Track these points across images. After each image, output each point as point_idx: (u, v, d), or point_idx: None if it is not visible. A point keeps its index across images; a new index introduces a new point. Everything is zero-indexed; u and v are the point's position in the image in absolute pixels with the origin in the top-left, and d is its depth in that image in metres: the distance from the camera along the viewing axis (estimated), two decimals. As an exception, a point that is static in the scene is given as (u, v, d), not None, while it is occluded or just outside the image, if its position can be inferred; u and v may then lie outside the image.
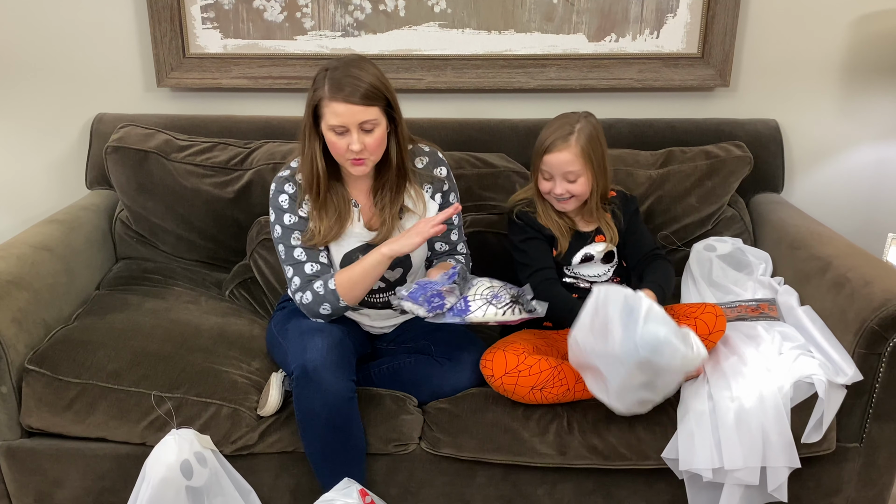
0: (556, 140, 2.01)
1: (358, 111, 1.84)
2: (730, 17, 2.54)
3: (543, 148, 2.03)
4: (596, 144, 2.03)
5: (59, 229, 2.33)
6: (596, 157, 2.03)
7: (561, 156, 2.01)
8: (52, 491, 2.02)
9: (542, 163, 2.04)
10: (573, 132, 2.01)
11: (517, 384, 1.88)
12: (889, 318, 1.85)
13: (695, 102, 2.68)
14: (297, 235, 1.97)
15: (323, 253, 1.99)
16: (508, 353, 1.91)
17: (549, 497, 1.98)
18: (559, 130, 2.02)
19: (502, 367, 1.89)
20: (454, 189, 2.12)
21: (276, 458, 1.97)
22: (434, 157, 2.08)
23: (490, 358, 1.92)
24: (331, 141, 1.88)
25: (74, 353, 1.98)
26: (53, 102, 2.67)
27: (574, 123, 2.02)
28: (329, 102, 1.84)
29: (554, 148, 2.01)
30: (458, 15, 2.55)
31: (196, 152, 2.43)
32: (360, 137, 1.86)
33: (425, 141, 2.11)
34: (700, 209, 2.43)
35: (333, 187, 1.98)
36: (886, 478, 2.02)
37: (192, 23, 2.57)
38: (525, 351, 1.93)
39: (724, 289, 2.23)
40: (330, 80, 1.85)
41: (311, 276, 1.96)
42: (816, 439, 1.89)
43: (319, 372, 1.80)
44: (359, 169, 1.91)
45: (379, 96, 1.87)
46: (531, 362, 1.89)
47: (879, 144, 2.71)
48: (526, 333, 2.08)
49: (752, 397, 1.85)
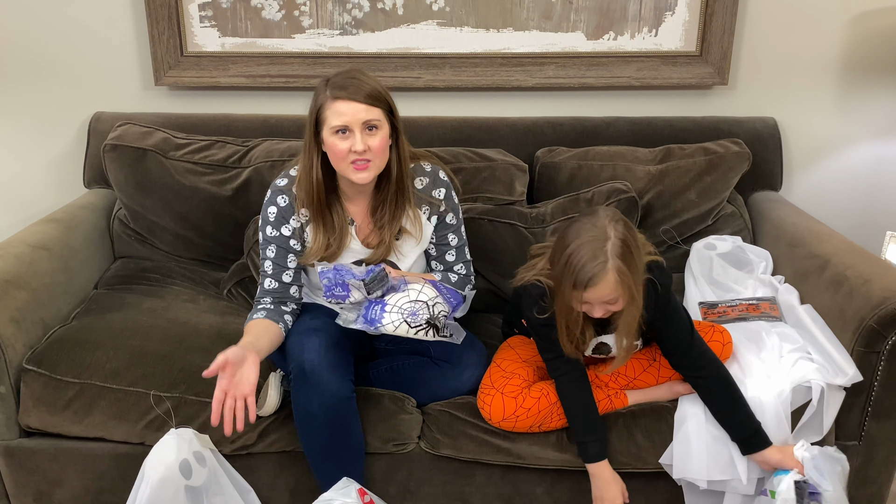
0: (593, 276, 1.66)
1: (361, 109, 1.82)
2: (728, 14, 2.53)
3: (581, 284, 1.68)
4: (631, 260, 1.69)
5: (57, 228, 2.32)
6: (634, 275, 1.70)
7: (599, 291, 1.68)
8: (50, 491, 2.02)
9: (580, 297, 1.72)
10: (607, 259, 1.66)
11: (515, 426, 1.89)
12: (888, 316, 1.85)
13: (693, 100, 2.68)
14: (272, 248, 1.96)
15: (288, 272, 1.97)
16: (506, 397, 1.87)
17: (548, 496, 1.99)
18: (592, 262, 1.66)
19: (500, 412, 1.87)
20: (454, 209, 2.05)
21: (275, 457, 1.97)
22: (434, 177, 2.02)
23: (488, 402, 1.89)
24: (333, 146, 1.84)
25: (73, 352, 1.98)
26: (51, 101, 2.67)
27: (604, 245, 1.67)
28: (331, 103, 1.82)
29: (591, 284, 1.67)
30: (456, 13, 2.55)
31: (194, 150, 2.42)
32: (364, 138, 1.82)
33: (428, 157, 2.06)
34: (700, 204, 2.43)
35: (332, 204, 1.95)
36: (885, 475, 2.02)
37: (190, 21, 2.56)
38: (525, 383, 1.90)
39: (725, 287, 2.23)
40: (332, 85, 1.84)
41: (266, 290, 1.97)
42: (815, 440, 1.89)
43: (317, 372, 1.79)
44: (362, 175, 1.85)
45: (381, 99, 1.85)
46: (529, 404, 1.87)
47: (878, 142, 2.71)
48: (526, 350, 2.01)
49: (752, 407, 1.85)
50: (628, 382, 1.94)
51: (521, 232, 2.30)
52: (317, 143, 1.88)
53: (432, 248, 2.07)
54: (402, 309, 1.80)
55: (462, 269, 2.08)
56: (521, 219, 2.32)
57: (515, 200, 2.38)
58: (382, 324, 1.80)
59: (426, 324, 1.81)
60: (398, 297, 1.82)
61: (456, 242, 2.06)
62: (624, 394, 1.94)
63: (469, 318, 2.30)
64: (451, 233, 2.05)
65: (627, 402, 1.93)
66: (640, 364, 1.95)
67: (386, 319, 1.80)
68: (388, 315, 1.80)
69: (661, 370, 1.93)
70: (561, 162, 2.44)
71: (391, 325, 1.80)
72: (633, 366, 1.95)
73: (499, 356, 2.02)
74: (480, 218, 2.31)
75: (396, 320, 1.80)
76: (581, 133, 2.54)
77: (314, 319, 1.96)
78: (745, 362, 1.95)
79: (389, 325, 1.80)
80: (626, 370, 1.94)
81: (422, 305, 1.81)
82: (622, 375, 1.94)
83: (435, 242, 2.05)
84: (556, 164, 2.44)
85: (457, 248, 2.07)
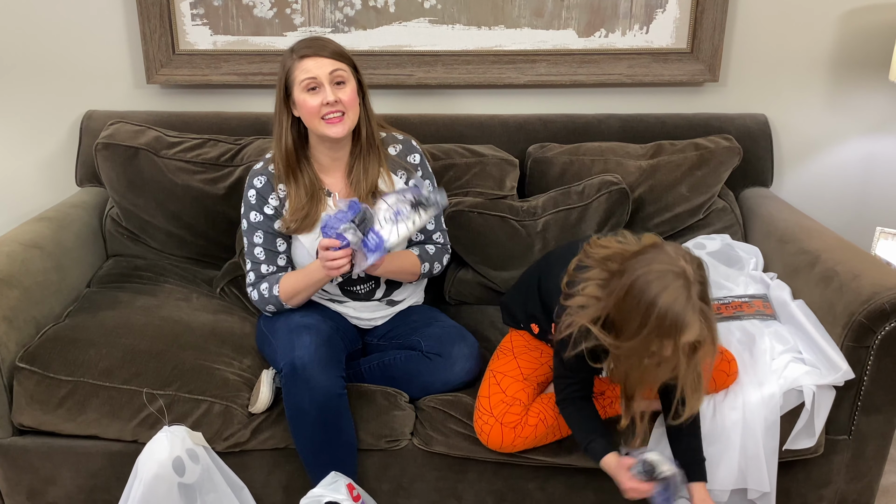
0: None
1: (327, 63, 1.90)
2: (718, 12, 2.54)
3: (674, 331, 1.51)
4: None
5: (49, 227, 2.32)
6: None
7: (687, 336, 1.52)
8: (44, 489, 2.02)
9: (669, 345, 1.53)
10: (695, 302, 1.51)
11: (514, 449, 1.89)
12: (877, 311, 1.87)
13: (684, 97, 2.69)
14: (259, 234, 2.00)
15: (282, 256, 2.02)
16: (505, 427, 1.85)
17: (540, 492, 1.99)
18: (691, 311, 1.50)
19: (498, 442, 1.87)
20: (429, 177, 2.12)
21: (268, 454, 1.97)
22: (407, 145, 2.10)
23: (486, 430, 1.87)
24: (304, 103, 1.91)
25: (65, 350, 1.98)
26: (43, 99, 2.66)
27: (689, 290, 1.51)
28: (298, 63, 1.91)
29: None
30: (448, 11, 2.55)
31: (186, 149, 2.42)
32: (333, 90, 1.90)
33: (398, 130, 2.14)
34: (691, 198, 2.44)
35: (304, 169, 2.00)
36: (875, 470, 2.03)
37: (182, 19, 2.56)
38: (523, 408, 1.87)
39: (717, 284, 2.23)
40: (297, 48, 1.94)
41: (264, 275, 2.01)
42: (809, 445, 1.90)
43: (308, 369, 1.80)
44: (336, 129, 1.92)
45: (346, 56, 1.95)
46: (527, 433, 1.86)
47: (867, 139, 2.72)
48: (528, 360, 1.96)
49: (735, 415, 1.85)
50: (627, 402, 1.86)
51: (511, 224, 2.31)
52: (286, 106, 1.95)
53: None
54: (388, 219, 1.83)
55: (440, 237, 2.14)
56: (512, 212, 2.33)
57: (506, 195, 2.39)
58: (386, 240, 1.82)
59: (413, 207, 1.84)
60: (380, 215, 1.84)
61: None
62: (619, 406, 1.85)
63: (460, 310, 2.32)
64: None
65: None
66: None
67: (384, 234, 1.82)
68: (383, 230, 1.82)
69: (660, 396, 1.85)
70: (552, 157, 2.44)
71: (392, 235, 1.82)
72: None
73: (499, 364, 1.96)
74: (470, 211, 2.31)
75: (391, 227, 1.82)
76: (573, 130, 2.54)
77: (305, 317, 1.97)
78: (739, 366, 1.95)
79: (391, 236, 1.82)
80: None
81: (396, 202, 1.83)
82: (617, 399, 1.88)
83: None
84: (548, 160, 2.45)
85: (435, 216, 2.11)
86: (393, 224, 1.83)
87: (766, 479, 1.86)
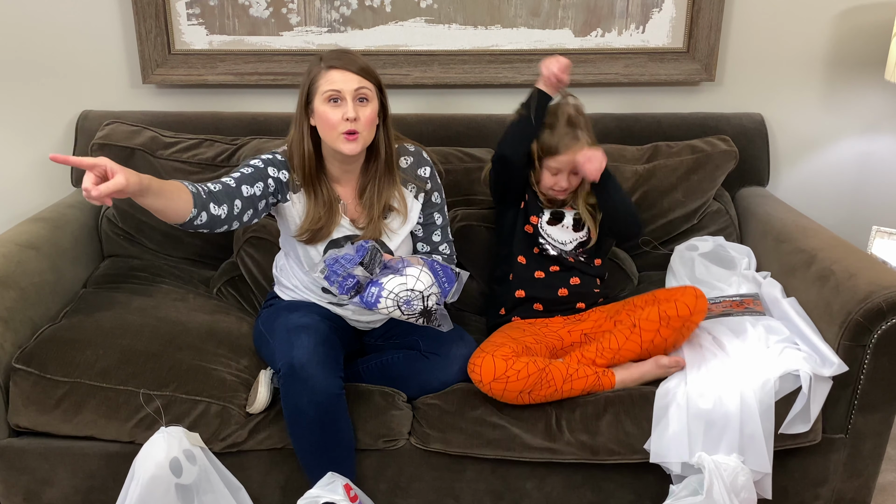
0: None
1: (354, 78, 1.88)
2: (715, 11, 2.55)
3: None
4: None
5: (45, 227, 2.32)
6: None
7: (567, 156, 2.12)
8: (40, 490, 2.02)
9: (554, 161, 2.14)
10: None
11: (506, 388, 1.89)
12: (873, 309, 1.87)
13: (680, 97, 2.69)
14: (250, 168, 1.92)
15: (241, 200, 1.86)
16: (497, 358, 1.90)
17: (538, 491, 1.99)
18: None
19: (490, 372, 1.89)
20: (438, 188, 2.12)
21: (265, 454, 1.97)
22: (418, 157, 2.08)
23: (478, 363, 1.92)
24: (324, 114, 1.88)
25: (62, 351, 1.98)
26: (38, 99, 2.65)
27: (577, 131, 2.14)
28: (325, 73, 1.88)
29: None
30: (444, 10, 2.55)
31: (182, 149, 2.42)
32: (355, 107, 1.87)
33: (410, 140, 2.12)
34: (686, 203, 2.44)
35: (322, 179, 1.98)
36: (872, 468, 2.04)
37: (178, 19, 2.56)
38: (514, 353, 1.93)
39: (709, 285, 2.24)
40: (326, 57, 1.91)
41: (216, 182, 1.87)
42: (804, 430, 1.90)
43: (306, 369, 1.80)
44: (351, 146, 1.89)
45: (373, 75, 1.92)
46: (519, 366, 1.89)
47: (864, 138, 2.73)
48: (515, 330, 2.08)
49: (733, 395, 1.87)
50: (613, 355, 1.98)
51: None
52: (306, 113, 1.93)
53: (419, 230, 2.10)
54: (398, 297, 1.82)
55: (446, 248, 2.13)
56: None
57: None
58: (377, 308, 1.83)
59: (420, 315, 1.85)
60: (396, 283, 1.83)
61: (441, 222, 2.12)
62: (611, 372, 1.97)
63: (462, 318, 2.32)
64: (437, 212, 2.11)
65: (615, 380, 1.96)
66: (622, 334, 1.98)
67: (381, 304, 1.82)
68: (383, 300, 1.82)
69: (643, 334, 1.95)
70: (550, 159, 2.44)
71: (385, 309, 1.83)
72: (615, 337, 1.98)
73: (487, 339, 2.06)
74: (478, 225, 2.34)
75: (391, 306, 1.83)
76: (570, 130, 2.54)
77: (303, 317, 1.96)
78: (730, 350, 1.97)
79: (384, 309, 1.83)
80: (609, 342, 1.98)
81: (417, 295, 1.83)
82: (607, 349, 1.98)
83: (421, 223, 2.10)
84: (545, 162, 2.44)
85: (442, 227, 2.12)
86: (395, 306, 1.83)
87: (766, 460, 1.87)
